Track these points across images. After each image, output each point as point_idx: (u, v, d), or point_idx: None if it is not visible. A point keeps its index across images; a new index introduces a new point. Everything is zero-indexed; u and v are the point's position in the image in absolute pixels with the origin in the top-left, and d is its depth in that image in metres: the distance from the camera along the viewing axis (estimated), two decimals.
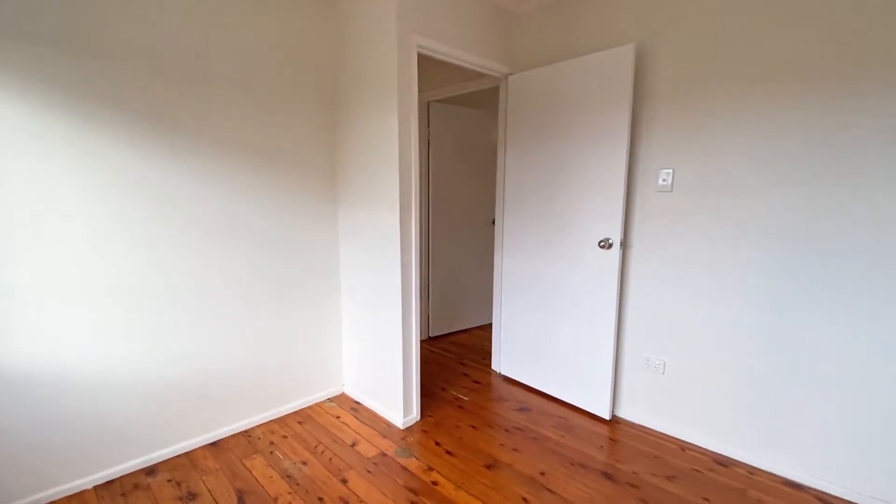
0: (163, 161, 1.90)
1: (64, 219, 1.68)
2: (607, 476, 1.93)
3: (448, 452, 2.09)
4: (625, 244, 2.29)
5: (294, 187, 2.35)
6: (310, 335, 2.51)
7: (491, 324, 4.03)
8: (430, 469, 1.97)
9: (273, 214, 2.28)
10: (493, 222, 3.87)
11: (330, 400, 2.63)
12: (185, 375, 2.06)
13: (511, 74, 2.66)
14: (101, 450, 1.86)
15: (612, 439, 2.21)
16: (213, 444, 2.16)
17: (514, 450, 2.12)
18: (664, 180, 2.14)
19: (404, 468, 1.98)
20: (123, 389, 1.89)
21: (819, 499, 1.78)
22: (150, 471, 1.95)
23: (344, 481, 1.89)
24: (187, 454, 2.07)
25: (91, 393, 1.81)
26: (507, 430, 2.29)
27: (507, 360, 2.90)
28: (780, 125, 1.80)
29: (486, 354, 3.30)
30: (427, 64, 3.36)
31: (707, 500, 1.78)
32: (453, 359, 3.25)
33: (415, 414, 2.37)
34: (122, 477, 1.90)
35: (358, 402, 2.59)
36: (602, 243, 2.26)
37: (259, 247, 2.24)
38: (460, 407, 2.53)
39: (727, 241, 1.98)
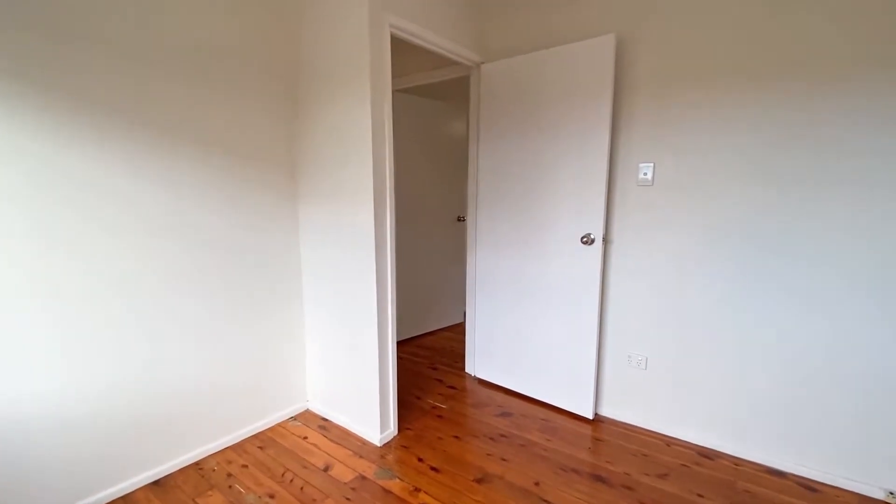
0: (94, 151, 1.57)
1: None
2: (601, 479, 1.86)
3: (433, 469, 1.93)
4: (605, 239, 2.25)
5: (249, 182, 2.06)
6: (268, 347, 2.23)
7: (459, 324, 3.90)
8: (417, 490, 1.80)
9: (224, 212, 1.98)
10: (460, 219, 3.75)
11: (294, 419, 2.36)
12: (117, 405, 1.72)
13: (484, 63, 2.53)
14: None
15: (598, 439, 2.16)
16: (157, 482, 1.83)
17: (503, 459, 2.00)
18: (645, 174, 2.11)
19: (387, 491, 1.79)
20: (39, 429, 1.53)
21: (799, 484, 1.83)
22: None
23: None
24: (124, 498, 1.74)
25: None
26: (492, 439, 2.16)
27: (482, 362, 2.78)
28: (765, 123, 1.82)
29: (458, 357, 3.16)
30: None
31: (701, 496, 1.76)
32: (424, 364, 3.08)
33: (392, 428, 2.17)
34: None
35: (326, 419, 2.35)
36: (584, 239, 2.20)
37: (208, 250, 1.94)
38: (439, 416, 2.37)
39: (708, 236, 1.99)
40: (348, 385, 2.22)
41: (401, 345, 3.43)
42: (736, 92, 1.86)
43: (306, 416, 2.38)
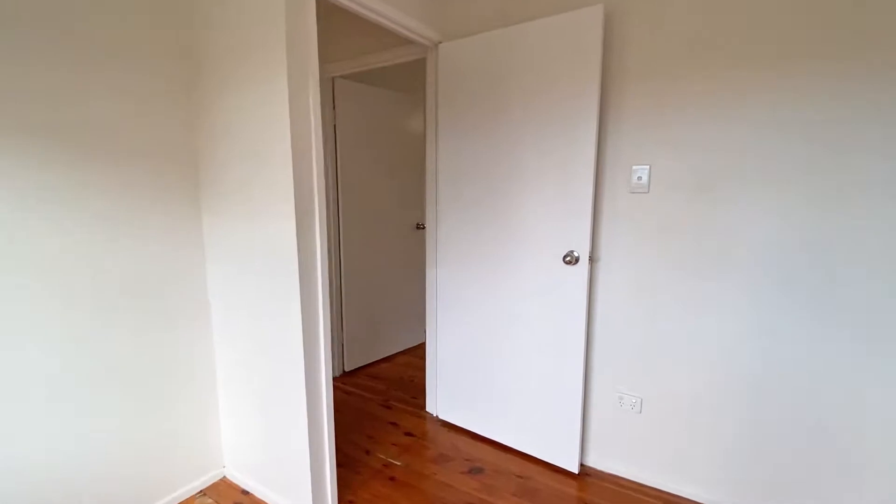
0: None
1: None
2: None
3: None
4: (592, 258, 1.86)
5: (130, 185, 1.51)
6: (167, 402, 1.69)
7: (420, 346, 3.44)
8: None
9: (90, 225, 1.43)
10: (419, 227, 3.30)
11: (203, 494, 1.82)
12: None
13: (443, 42, 2.08)
14: None
15: (586, 502, 1.77)
16: None
17: None
18: (639, 178, 1.74)
19: None
20: None
21: None
22: None
23: None
24: None
25: None
26: None
27: (445, 400, 2.34)
28: (780, 115, 1.47)
29: (417, 390, 2.71)
30: (327, 26, 2.65)
31: None
32: (376, 400, 2.60)
33: (330, 503, 1.69)
34: None
35: (247, 492, 1.83)
36: (567, 258, 1.80)
37: (81, 282, 1.38)
38: (392, 479, 1.91)
39: (715, 253, 1.64)
40: (272, 447, 1.71)
41: (348, 376, 2.93)
42: (751, 80, 1.51)
43: (221, 488, 1.85)
